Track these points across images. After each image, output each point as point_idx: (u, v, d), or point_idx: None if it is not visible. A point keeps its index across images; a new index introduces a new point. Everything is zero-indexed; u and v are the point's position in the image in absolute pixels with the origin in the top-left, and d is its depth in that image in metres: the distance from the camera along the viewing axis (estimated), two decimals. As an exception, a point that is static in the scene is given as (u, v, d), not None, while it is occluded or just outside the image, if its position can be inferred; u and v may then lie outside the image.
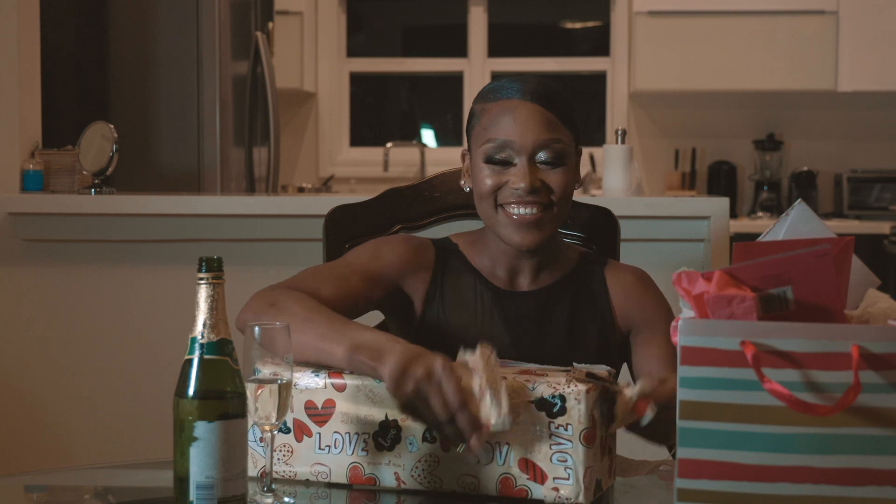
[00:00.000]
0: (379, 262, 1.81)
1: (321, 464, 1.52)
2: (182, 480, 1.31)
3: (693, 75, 5.44)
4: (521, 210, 1.74)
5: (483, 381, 1.40)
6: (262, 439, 1.52)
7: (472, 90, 5.99)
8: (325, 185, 5.78)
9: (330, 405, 1.51)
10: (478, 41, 6.01)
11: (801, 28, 5.36)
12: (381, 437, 1.49)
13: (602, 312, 1.84)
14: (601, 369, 1.51)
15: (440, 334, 1.81)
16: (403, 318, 1.86)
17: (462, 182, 1.86)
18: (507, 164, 1.74)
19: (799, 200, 1.52)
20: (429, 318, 1.82)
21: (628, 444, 1.62)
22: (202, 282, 1.33)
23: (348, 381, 1.50)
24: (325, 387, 1.51)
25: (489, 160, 1.75)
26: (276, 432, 1.43)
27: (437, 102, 6.39)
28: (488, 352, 1.43)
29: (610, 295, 1.85)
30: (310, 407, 1.52)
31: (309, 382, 1.52)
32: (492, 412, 1.38)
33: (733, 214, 5.40)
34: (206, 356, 1.32)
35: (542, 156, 1.74)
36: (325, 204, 2.37)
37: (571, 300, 1.84)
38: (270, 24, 4.55)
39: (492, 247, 1.83)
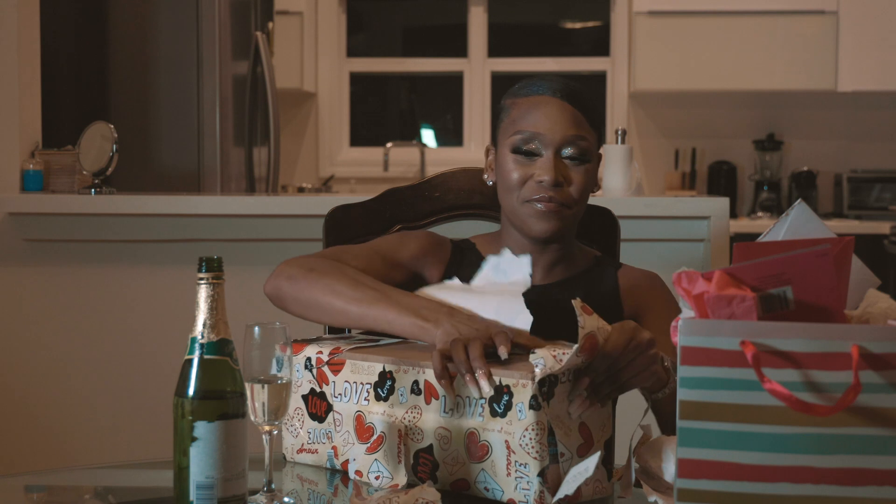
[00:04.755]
0: (402, 249, 1.86)
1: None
2: (182, 480, 1.31)
3: (693, 75, 5.44)
4: (543, 206, 1.79)
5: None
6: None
7: (472, 90, 5.99)
8: (325, 185, 5.78)
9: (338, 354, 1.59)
10: (478, 41, 6.01)
11: (801, 28, 5.36)
12: (380, 387, 1.53)
13: (612, 307, 1.87)
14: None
15: None
16: None
17: (485, 176, 1.91)
18: (533, 155, 1.80)
19: (799, 200, 1.52)
20: None
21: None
22: (202, 282, 1.33)
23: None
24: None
25: (516, 150, 1.80)
26: (275, 432, 1.43)
27: (437, 102, 6.39)
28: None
29: (620, 292, 1.89)
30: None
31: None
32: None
33: (733, 214, 5.40)
34: (206, 356, 1.32)
35: (567, 151, 1.79)
36: (325, 204, 2.37)
37: (582, 295, 1.86)
38: (270, 24, 4.54)
39: (509, 243, 1.88)
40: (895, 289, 4.78)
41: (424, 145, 5.97)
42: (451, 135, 6.21)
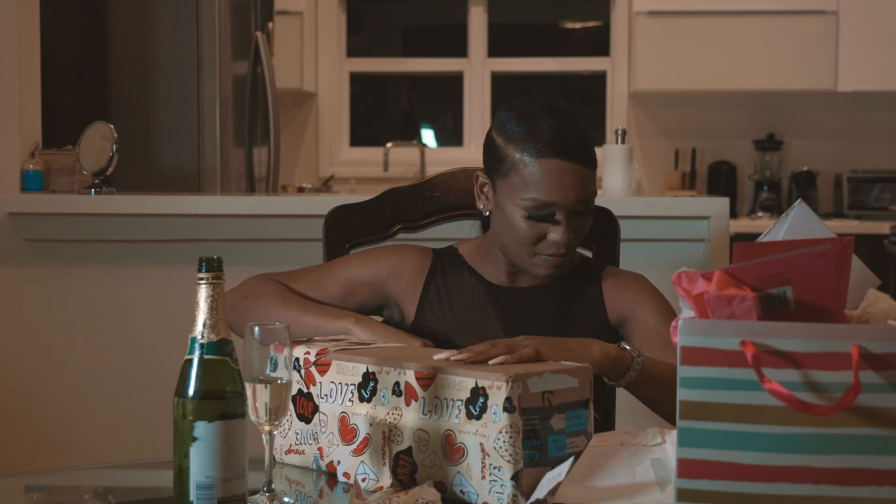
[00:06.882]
0: (361, 270, 1.91)
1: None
2: (182, 481, 1.31)
3: (693, 75, 5.43)
4: (554, 260, 1.82)
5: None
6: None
7: (472, 90, 5.99)
8: (325, 185, 5.78)
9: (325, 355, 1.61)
10: (478, 41, 6.01)
11: (801, 28, 5.36)
12: (363, 388, 1.54)
13: (594, 309, 1.89)
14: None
15: (437, 331, 1.87)
16: (399, 322, 1.93)
17: (481, 206, 1.89)
18: (546, 219, 1.80)
19: (799, 200, 1.52)
20: (423, 319, 1.89)
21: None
22: (202, 282, 1.33)
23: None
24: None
25: (531, 217, 1.80)
26: (275, 432, 1.43)
27: (437, 102, 6.39)
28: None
29: (603, 292, 1.91)
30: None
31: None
32: None
33: (733, 214, 5.39)
34: (206, 356, 1.32)
35: (578, 208, 1.81)
36: (325, 204, 2.37)
37: (565, 298, 1.90)
38: (270, 24, 4.54)
39: (496, 253, 1.89)
40: (895, 289, 4.78)
41: (424, 145, 5.97)
42: (451, 135, 6.21)
